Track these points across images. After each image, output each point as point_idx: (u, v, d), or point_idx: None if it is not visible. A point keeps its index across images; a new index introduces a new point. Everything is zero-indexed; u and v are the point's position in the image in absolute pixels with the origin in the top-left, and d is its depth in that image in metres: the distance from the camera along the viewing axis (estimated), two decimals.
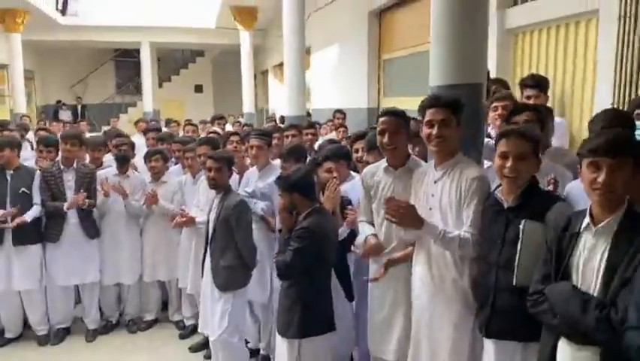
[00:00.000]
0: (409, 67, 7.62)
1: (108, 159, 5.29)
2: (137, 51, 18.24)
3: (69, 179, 4.63)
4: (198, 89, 21.33)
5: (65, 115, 19.14)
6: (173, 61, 21.88)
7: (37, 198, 4.56)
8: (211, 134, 5.72)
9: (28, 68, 18.74)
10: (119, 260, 4.81)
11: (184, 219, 4.18)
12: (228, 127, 9.58)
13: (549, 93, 3.90)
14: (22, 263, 4.52)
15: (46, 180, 4.58)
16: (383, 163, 2.93)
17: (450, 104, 2.49)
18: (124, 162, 4.81)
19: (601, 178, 1.78)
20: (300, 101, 7.48)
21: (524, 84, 3.86)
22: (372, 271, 2.97)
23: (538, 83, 3.79)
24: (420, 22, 6.65)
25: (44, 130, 7.76)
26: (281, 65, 14.08)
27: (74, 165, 4.68)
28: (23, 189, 4.51)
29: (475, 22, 2.86)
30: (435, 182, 2.54)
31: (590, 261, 1.82)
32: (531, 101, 3.74)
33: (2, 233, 4.45)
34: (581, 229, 1.87)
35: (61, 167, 4.64)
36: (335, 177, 3.30)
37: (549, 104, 3.82)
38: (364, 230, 2.96)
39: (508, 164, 2.19)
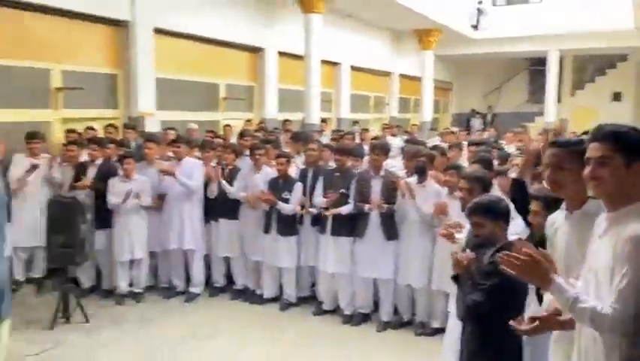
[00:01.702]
0: None
1: None
2: None
3: (376, 184, 5.27)
4: (616, 97, 19.15)
5: (477, 123, 20.42)
6: (588, 68, 20.29)
7: (351, 197, 5.38)
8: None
9: (447, 79, 20.86)
10: (410, 263, 5.15)
11: None
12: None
13: None
14: (337, 251, 5.42)
15: (359, 183, 5.35)
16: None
17: (611, 136, 1.85)
18: (422, 173, 5.10)
19: None
20: None
21: None
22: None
23: None
24: None
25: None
26: None
27: (381, 172, 5.30)
28: (342, 190, 5.40)
29: None
30: (599, 237, 1.94)
31: None
32: None
33: (324, 226, 5.47)
34: None
35: (372, 173, 5.33)
36: None
37: None
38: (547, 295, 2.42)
39: None
